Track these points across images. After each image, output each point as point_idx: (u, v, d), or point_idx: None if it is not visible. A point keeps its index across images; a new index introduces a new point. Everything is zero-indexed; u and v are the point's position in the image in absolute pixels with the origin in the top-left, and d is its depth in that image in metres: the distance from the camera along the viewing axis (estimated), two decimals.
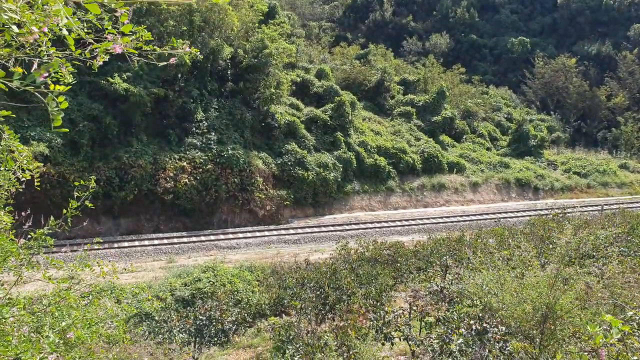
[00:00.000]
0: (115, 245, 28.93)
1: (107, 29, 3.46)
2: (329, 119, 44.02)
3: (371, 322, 16.76)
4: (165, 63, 3.96)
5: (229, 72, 40.87)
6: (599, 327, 3.84)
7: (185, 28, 36.47)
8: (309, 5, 78.76)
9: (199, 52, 4.87)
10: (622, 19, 76.66)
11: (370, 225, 37.14)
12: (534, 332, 8.97)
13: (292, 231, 34.11)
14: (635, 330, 5.85)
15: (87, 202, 5.82)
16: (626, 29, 74.31)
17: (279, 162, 39.12)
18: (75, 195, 5.93)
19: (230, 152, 36.21)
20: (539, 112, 65.99)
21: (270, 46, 40.36)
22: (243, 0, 43.23)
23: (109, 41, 3.47)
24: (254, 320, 20.86)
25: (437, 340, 13.82)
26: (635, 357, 5.09)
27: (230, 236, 32.01)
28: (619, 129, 61.90)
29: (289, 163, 39.19)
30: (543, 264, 12.22)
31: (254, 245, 30.86)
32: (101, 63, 3.55)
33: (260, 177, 36.98)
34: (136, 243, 29.60)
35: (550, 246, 14.20)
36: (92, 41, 3.44)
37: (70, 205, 5.72)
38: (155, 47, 3.70)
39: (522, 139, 55.37)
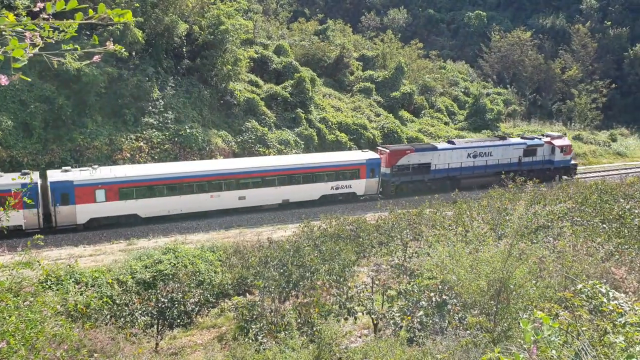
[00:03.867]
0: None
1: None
2: (289, 95, 43.71)
3: (334, 298, 16.96)
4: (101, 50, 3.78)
5: (184, 49, 40.01)
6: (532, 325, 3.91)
7: (137, 5, 35.41)
8: None
9: (142, 35, 4.68)
10: None
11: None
12: (489, 306, 9.19)
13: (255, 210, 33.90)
14: (585, 303, 6.04)
15: None
16: (579, 2, 75.72)
17: (239, 140, 38.75)
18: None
19: (188, 130, 35.65)
20: (495, 85, 66.98)
21: (227, 22, 39.63)
22: None
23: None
24: (217, 300, 20.79)
25: (399, 313, 14.08)
26: (584, 328, 5.26)
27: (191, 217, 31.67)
28: (573, 101, 63.42)
29: (250, 141, 38.87)
30: (500, 236, 12.50)
31: (215, 225, 30.59)
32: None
33: (221, 156, 36.57)
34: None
35: (507, 218, 14.52)
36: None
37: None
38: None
39: (479, 112, 56.18)
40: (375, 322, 15.59)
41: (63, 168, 28.88)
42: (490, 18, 75.85)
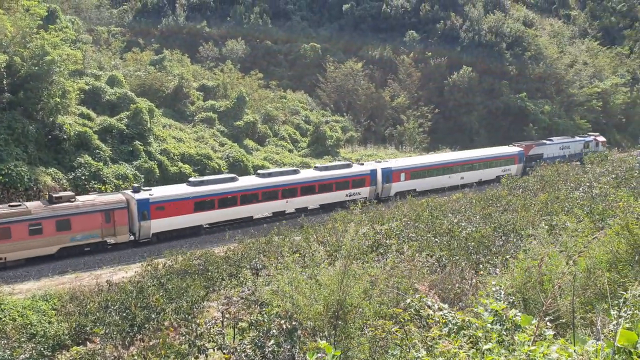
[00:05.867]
0: None
1: None
2: (125, 127, 41.72)
3: (184, 337, 16.16)
4: None
5: (5, 82, 36.54)
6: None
7: None
8: (95, 9, 73.84)
9: None
10: (398, 26, 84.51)
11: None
12: (328, 328, 9.29)
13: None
14: (415, 316, 6.30)
15: None
16: (403, 35, 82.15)
17: (71, 176, 36.05)
18: None
19: (12, 169, 32.38)
20: (333, 113, 69.85)
21: (53, 53, 36.92)
22: (17, 3, 38.95)
23: None
24: (53, 353, 18.90)
25: (250, 345, 13.74)
26: (415, 340, 5.44)
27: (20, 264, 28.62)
28: (402, 126, 68.21)
29: (83, 177, 36.33)
30: (336, 259, 12.81)
31: (47, 271, 27.91)
32: None
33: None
34: None
35: (342, 240, 14.94)
36: None
37: None
38: None
39: (320, 139, 58.23)
40: (227, 357, 15.06)
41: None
42: (324, 50, 79.32)
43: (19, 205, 29.14)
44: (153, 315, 18.33)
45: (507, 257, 16.82)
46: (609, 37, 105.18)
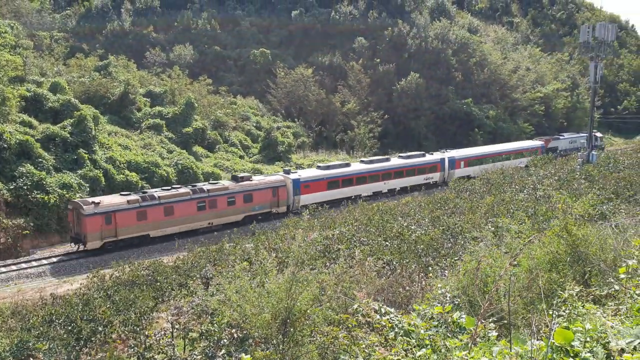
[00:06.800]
0: None
1: None
2: (69, 135, 40.49)
3: (132, 349, 15.75)
4: None
5: None
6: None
7: None
8: (37, 13, 71.40)
9: None
10: (347, 32, 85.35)
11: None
12: (276, 337, 9.24)
13: (35, 263, 30.45)
14: (362, 321, 6.34)
15: None
16: (351, 42, 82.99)
17: (12, 187, 34.70)
18: None
19: None
20: (284, 119, 69.74)
21: None
22: None
23: None
24: None
25: (201, 356, 13.52)
26: (364, 346, 5.48)
27: None
28: (353, 132, 68.82)
29: (25, 187, 35.02)
30: (283, 268, 12.77)
31: None
32: None
33: None
34: None
35: (291, 247, 14.92)
36: None
37: None
38: None
39: (271, 145, 58.06)
40: None
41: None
42: (274, 56, 79.24)
43: (217, 183, 39.55)
44: (100, 328, 17.80)
45: (455, 259, 17.14)
46: (549, 44, 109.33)
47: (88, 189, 38.03)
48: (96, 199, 32.98)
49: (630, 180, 30.02)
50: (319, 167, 45.35)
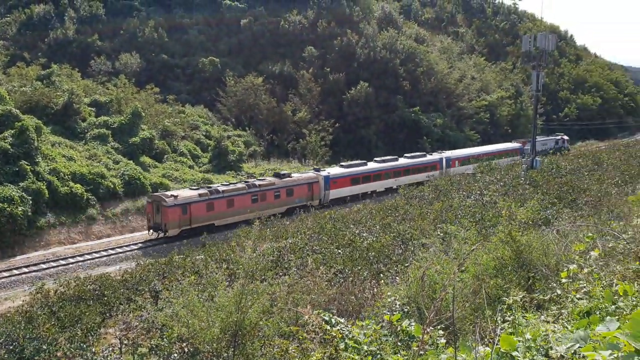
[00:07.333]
0: None
1: None
2: (10, 147, 39.01)
3: None
4: None
5: None
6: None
7: None
8: None
9: None
10: (297, 41, 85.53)
11: (72, 260, 34.13)
12: (226, 351, 9.12)
13: None
14: (314, 333, 6.34)
15: None
16: (301, 51, 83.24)
17: None
18: None
19: None
20: (235, 128, 69.13)
21: None
22: None
23: None
24: None
25: None
26: (314, 359, 5.47)
27: None
28: (305, 140, 68.91)
29: None
30: (233, 280, 12.64)
31: None
32: None
33: None
34: None
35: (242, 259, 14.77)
36: None
37: None
38: None
39: (222, 154, 57.45)
40: None
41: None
42: (223, 64, 78.62)
43: (265, 179, 44.69)
44: (44, 347, 17.11)
45: (406, 265, 17.34)
46: (493, 53, 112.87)
47: (31, 202, 36.70)
48: (174, 193, 38.80)
49: (572, 185, 31.22)
50: (341, 166, 51.07)
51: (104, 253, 35.82)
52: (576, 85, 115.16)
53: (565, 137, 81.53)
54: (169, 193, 38.76)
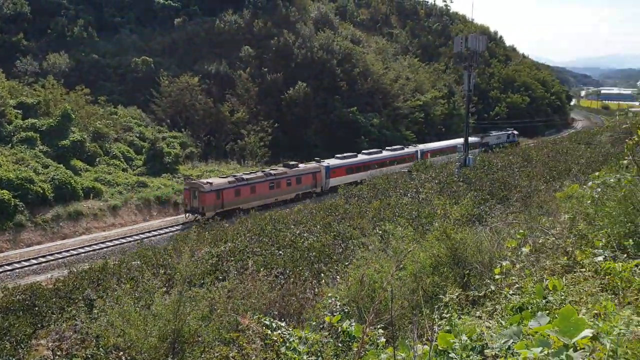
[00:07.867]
0: None
1: None
2: None
3: None
4: None
5: None
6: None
7: None
8: None
9: None
10: (233, 41, 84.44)
11: None
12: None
13: None
14: (253, 338, 6.31)
15: None
16: (238, 51, 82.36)
17: None
18: None
19: None
20: (170, 129, 67.59)
21: None
22: None
23: None
24: None
25: None
26: None
27: None
28: (243, 141, 68.23)
29: None
30: (170, 286, 12.39)
31: None
32: None
33: None
34: None
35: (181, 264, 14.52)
36: None
37: None
38: None
39: (157, 157, 56.11)
40: None
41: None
42: (157, 64, 76.76)
43: (277, 169, 51.28)
44: None
45: (347, 264, 17.50)
46: (427, 54, 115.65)
47: None
48: (210, 180, 44.92)
49: (504, 182, 32.39)
50: (337, 158, 57.30)
51: (34, 261, 34.33)
52: (506, 85, 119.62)
53: (516, 132, 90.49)
54: (204, 180, 44.94)
